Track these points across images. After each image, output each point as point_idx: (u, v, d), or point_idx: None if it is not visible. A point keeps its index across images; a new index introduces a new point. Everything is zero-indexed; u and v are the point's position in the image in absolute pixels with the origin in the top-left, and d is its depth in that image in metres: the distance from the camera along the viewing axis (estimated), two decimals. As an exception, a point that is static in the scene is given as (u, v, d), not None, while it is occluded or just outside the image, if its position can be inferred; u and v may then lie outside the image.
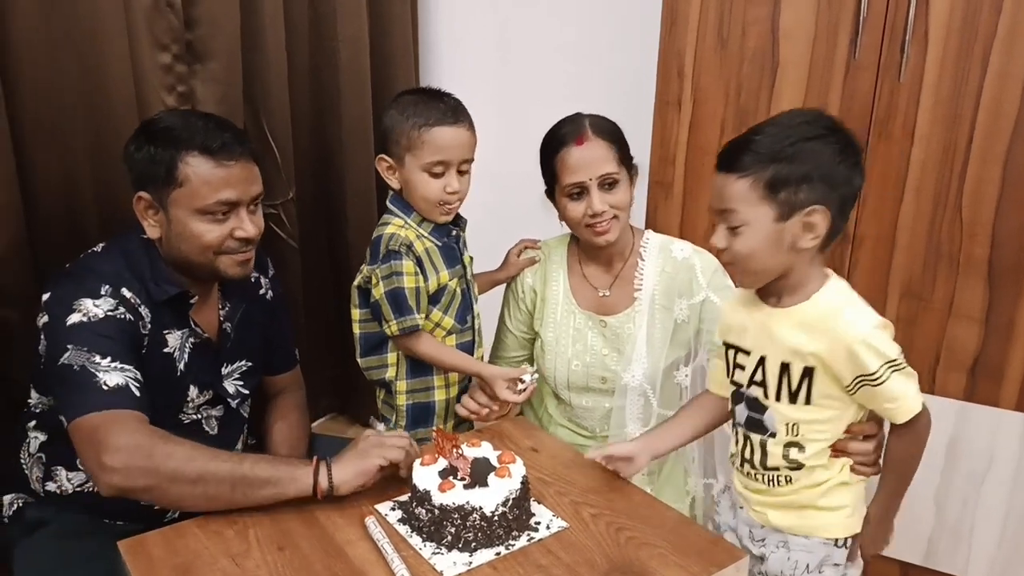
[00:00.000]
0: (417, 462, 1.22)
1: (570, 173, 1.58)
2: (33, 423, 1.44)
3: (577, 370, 1.69)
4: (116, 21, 1.63)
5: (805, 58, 1.83)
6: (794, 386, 1.18)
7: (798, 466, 1.22)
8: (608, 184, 1.57)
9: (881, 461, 1.25)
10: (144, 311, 1.35)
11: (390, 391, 1.61)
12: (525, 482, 1.19)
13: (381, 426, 1.66)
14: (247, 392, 1.56)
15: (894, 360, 1.12)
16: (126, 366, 1.28)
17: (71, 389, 1.25)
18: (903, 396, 1.13)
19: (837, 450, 1.22)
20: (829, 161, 1.11)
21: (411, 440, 1.31)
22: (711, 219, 1.23)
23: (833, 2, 1.78)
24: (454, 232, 1.59)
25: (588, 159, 1.56)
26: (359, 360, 1.63)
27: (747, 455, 1.27)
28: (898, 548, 2.00)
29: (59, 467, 1.41)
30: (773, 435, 1.22)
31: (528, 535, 1.17)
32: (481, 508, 1.12)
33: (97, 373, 1.25)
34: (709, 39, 1.92)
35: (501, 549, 1.13)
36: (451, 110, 1.48)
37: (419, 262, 1.51)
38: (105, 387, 1.24)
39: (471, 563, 1.11)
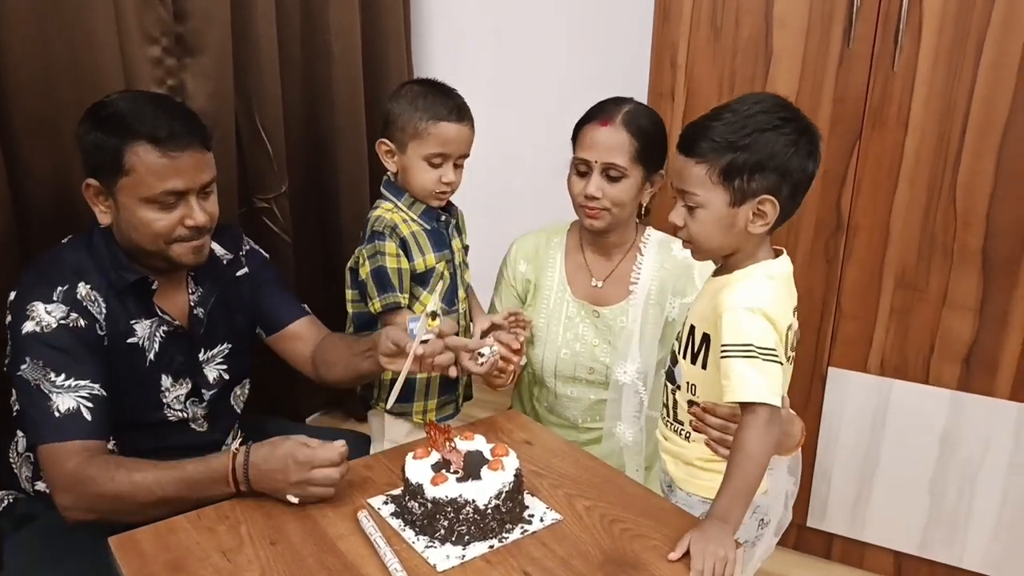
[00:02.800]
0: (410, 456, 1.21)
1: (581, 148, 1.60)
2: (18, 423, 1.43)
3: (566, 359, 1.69)
4: (105, 13, 1.61)
5: (799, 48, 1.82)
6: (696, 347, 1.26)
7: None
8: (611, 175, 1.57)
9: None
10: (100, 307, 1.35)
11: None
12: (518, 475, 1.18)
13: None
14: (229, 377, 1.55)
15: (745, 345, 1.15)
16: (80, 382, 1.29)
17: (28, 409, 1.29)
18: (736, 379, 1.15)
19: (695, 417, 1.29)
20: (782, 152, 1.16)
21: (344, 467, 1.22)
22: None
23: (827, -9, 1.77)
24: (443, 218, 1.64)
25: (601, 142, 1.57)
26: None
27: (665, 400, 1.37)
28: (892, 538, 2.01)
29: None
30: (679, 388, 1.32)
31: (522, 528, 1.16)
32: (474, 501, 1.12)
33: (51, 395, 1.27)
34: (703, 29, 1.92)
35: (495, 542, 1.13)
36: (457, 108, 1.55)
37: (404, 244, 1.56)
38: (57, 413, 1.27)
39: (464, 556, 1.10)
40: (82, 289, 1.33)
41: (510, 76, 2.61)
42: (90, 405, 1.29)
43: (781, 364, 1.17)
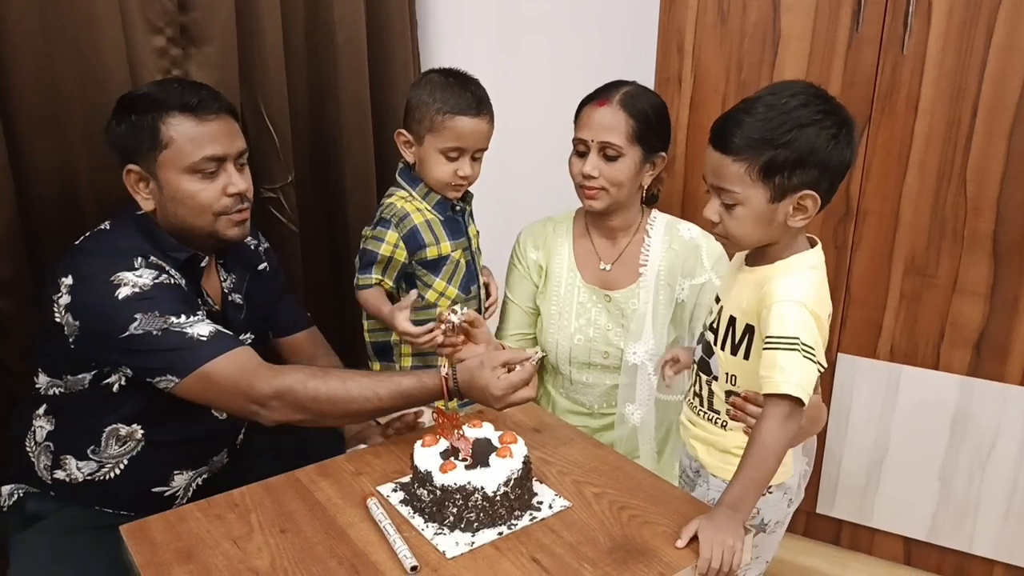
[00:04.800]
0: (418, 443, 1.21)
1: (579, 128, 1.61)
2: (41, 410, 1.41)
3: (580, 344, 1.69)
4: (109, 4, 1.61)
5: (807, 31, 1.81)
6: (737, 339, 1.25)
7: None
8: (607, 154, 1.57)
9: None
10: (176, 277, 1.37)
11: (391, 357, 1.65)
12: (527, 462, 1.19)
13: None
14: None
15: (792, 338, 1.13)
16: (197, 315, 1.31)
17: (165, 352, 1.26)
18: (778, 371, 1.12)
19: (735, 407, 1.27)
20: (824, 146, 1.13)
21: (535, 383, 1.33)
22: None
23: (835, -26, 1.76)
24: (458, 207, 1.64)
25: (598, 121, 1.57)
26: (365, 323, 1.67)
27: (697, 389, 1.35)
28: (902, 524, 2.01)
29: (68, 456, 1.39)
30: (716, 378, 1.30)
31: (530, 515, 1.16)
32: (483, 488, 1.12)
33: (185, 329, 1.27)
34: (709, 14, 1.90)
35: (503, 529, 1.13)
36: (476, 101, 1.54)
37: (415, 232, 1.56)
38: (203, 337, 1.27)
39: (473, 543, 1.10)
40: (155, 260, 1.34)
41: (516, 63, 2.59)
42: (223, 329, 1.31)
43: (821, 367, 1.14)
